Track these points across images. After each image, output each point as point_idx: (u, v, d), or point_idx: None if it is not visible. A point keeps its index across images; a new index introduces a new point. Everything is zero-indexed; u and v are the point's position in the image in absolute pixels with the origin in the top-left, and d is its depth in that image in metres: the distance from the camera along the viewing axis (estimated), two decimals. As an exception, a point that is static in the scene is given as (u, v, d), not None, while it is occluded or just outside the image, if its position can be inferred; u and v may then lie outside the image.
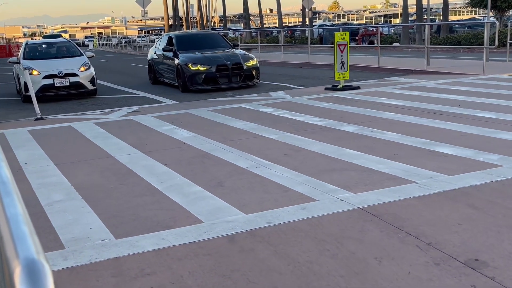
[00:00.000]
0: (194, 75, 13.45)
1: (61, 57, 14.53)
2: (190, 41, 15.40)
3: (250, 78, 14.12)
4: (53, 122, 9.80)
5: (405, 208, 4.31)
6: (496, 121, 7.56)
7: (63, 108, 12.23)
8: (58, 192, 5.30)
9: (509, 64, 16.35)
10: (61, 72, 13.34)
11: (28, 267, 0.70)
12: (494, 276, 3.11)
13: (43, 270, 0.71)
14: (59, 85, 13.31)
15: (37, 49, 14.90)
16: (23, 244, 0.77)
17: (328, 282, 3.15)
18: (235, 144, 6.98)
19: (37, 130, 8.97)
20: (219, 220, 4.26)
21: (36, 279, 0.69)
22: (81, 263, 3.59)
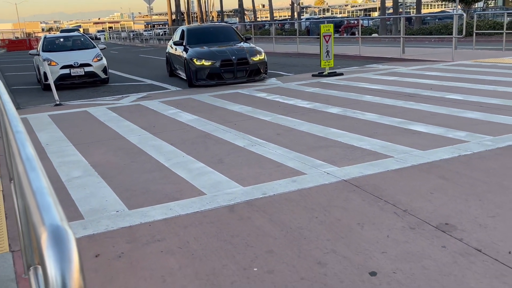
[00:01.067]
0: (198, 70, 11.71)
1: (76, 49, 14.39)
2: (200, 35, 13.35)
3: (257, 73, 12.12)
4: (70, 107, 9.73)
5: (384, 179, 4.32)
6: (463, 102, 7.56)
7: (79, 95, 12.13)
8: (77, 169, 5.28)
9: (475, 51, 16.30)
10: (76, 63, 13.24)
11: (53, 233, 0.70)
12: (462, 238, 3.14)
13: (67, 235, 0.70)
14: (75, 74, 13.23)
15: (54, 42, 14.73)
16: (48, 212, 0.76)
17: (317, 245, 3.17)
18: (233, 125, 6.96)
19: (57, 114, 8.90)
20: (220, 192, 4.26)
21: (61, 243, 0.68)
22: (99, 231, 3.59)
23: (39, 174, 0.96)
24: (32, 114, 9.12)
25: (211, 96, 9.89)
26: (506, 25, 16.88)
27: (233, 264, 2.98)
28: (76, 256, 0.67)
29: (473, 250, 2.97)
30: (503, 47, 16.20)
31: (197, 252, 3.17)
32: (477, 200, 3.74)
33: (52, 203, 0.80)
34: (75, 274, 0.65)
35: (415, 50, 18.22)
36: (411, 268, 2.82)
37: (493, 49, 17.29)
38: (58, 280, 0.65)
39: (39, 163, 1.06)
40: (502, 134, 5.54)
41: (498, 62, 12.56)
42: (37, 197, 0.84)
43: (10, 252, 3.32)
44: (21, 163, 1.08)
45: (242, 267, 2.94)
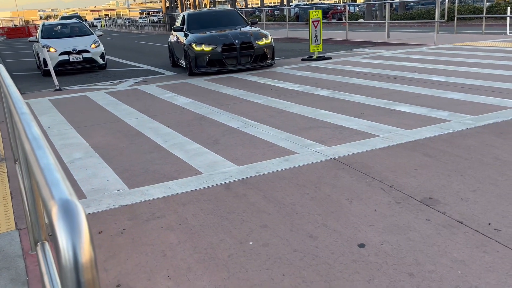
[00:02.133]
0: (198, 56, 10.28)
1: (74, 36, 14.17)
2: (202, 20, 11.76)
3: (263, 58, 10.66)
4: (70, 92, 9.62)
5: (371, 157, 4.34)
6: (445, 83, 7.57)
7: (78, 80, 12.00)
8: (78, 151, 5.25)
9: (456, 35, 16.27)
10: (75, 49, 13.07)
11: (63, 206, 0.69)
12: (445, 211, 3.17)
13: (77, 208, 0.70)
14: (73, 60, 13.07)
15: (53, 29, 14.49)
16: (58, 187, 0.76)
17: (309, 219, 3.19)
18: (227, 108, 6.93)
19: (57, 99, 8.81)
20: (216, 171, 4.26)
21: (72, 216, 0.68)
22: (101, 209, 3.59)
23: (46, 152, 0.95)
24: (33, 99, 9.02)
25: (206, 81, 9.82)
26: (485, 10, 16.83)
27: (229, 239, 3.00)
28: (86, 228, 0.66)
29: (455, 223, 3.01)
30: (483, 31, 16.19)
31: (195, 228, 3.19)
32: (459, 175, 3.78)
33: (60, 179, 0.79)
34: (85, 245, 0.65)
35: (400, 34, 18.16)
36: (398, 240, 2.85)
37: (473, 33, 17.27)
38: (69, 250, 0.64)
39: (45, 142, 1.05)
40: (482, 114, 5.57)
41: (478, 45, 12.56)
42: (45, 173, 0.83)
43: (17, 230, 3.31)
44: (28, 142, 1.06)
45: (238, 241, 2.96)
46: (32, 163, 0.96)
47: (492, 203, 3.25)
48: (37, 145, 1.01)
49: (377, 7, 32.65)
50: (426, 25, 25.25)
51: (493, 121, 5.22)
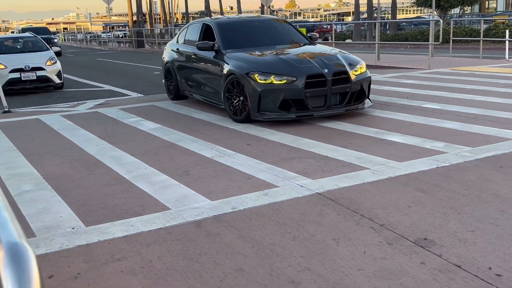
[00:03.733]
0: (265, 94, 7.23)
1: (27, 51, 14.11)
2: (242, 33, 8.83)
3: (359, 96, 7.78)
4: (20, 115, 9.50)
5: (360, 192, 4.38)
6: (441, 111, 7.76)
7: (30, 101, 11.87)
8: (28, 182, 5.15)
9: (452, 59, 16.78)
10: (27, 66, 12.97)
11: (11, 250, 0.68)
12: (441, 254, 3.21)
13: (27, 252, 0.69)
14: (26, 78, 12.95)
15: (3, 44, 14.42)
16: (5, 229, 0.74)
17: (290, 262, 3.18)
18: (200, 135, 6.94)
19: (5, 122, 8.69)
20: (186, 207, 4.23)
21: (20, 261, 0.67)
22: (52, 250, 3.51)
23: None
24: (-23, 121, 8.86)
25: (175, 104, 9.84)
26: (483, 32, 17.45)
27: (200, 284, 2.96)
28: (37, 277, 0.65)
29: (453, 266, 3.04)
30: (480, 55, 16.74)
31: (161, 272, 3.14)
32: (456, 213, 3.83)
33: (8, 218, 0.78)
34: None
35: (391, 56, 18.62)
36: (389, 285, 2.86)
37: (470, 57, 17.85)
38: (16, 302, 0.63)
39: (-9, 175, 1.04)
40: (481, 145, 5.70)
41: (475, 70, 12.96)
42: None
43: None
44: (-28, 174, 1.05)
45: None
46: (-24, 199, 0.94)
47: (492, 244, 3.30)
48: (-18, 178, 0.99)
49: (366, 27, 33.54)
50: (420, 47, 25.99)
51: (492, 154, 5.35)
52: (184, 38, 9.92)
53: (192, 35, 9.57)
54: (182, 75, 9.65)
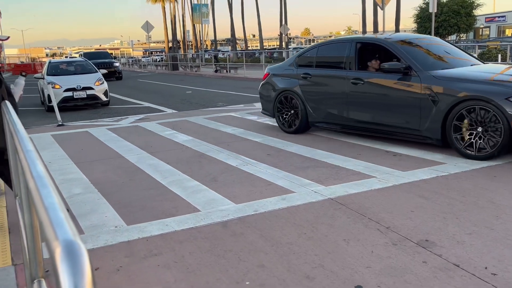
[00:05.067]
0: None
1: (79, 73, 14.38)
2: (423, 52, 6.59)
3: None
4: (72, 128, 9.67)
5: (368, 198, 4.32)
6: (440, 126, 7.62)
7: (80, 116, 12.08)
8: (78, 186, 5.22)
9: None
10: (79, 86, 13.22)
11: (67, 248, 0.69)
12: (441, 254, 3.14)
13: (80, 249, 0.69)
14: (77, 97, 13.20)
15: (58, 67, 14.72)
16: (61, 228, 0.75)
17: (306, 260, 3.15)
18: (226, 146, 6.96)
19: (59, 134, 8.84)
20: (213, 209, 4.23)
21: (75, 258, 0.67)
22: (98, 246, 3.54)
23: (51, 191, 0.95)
24: (35, 134, 9.04)
25: (205, 119, 9.90)
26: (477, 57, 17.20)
27: (226, 278, 2.95)
28: (89, 271, 0.65)
29: (452, 266, 2.97)
30: (475, 77, 16.48)
31: (192, 266, 3.13)
32: (455, 218, 3.75)
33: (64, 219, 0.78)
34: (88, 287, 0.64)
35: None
36: (395, 282, 2.80)
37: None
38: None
39: (49, 180, 1.05)
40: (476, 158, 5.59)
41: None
42: (49, 213, 0.82)
43: (13, 265, 3.25)
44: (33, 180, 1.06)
45: (235, 281, 2.91)
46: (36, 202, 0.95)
47: (488, 246, 3.22)
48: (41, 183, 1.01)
49: (372, 52, 33.32)
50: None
51: (487, 165, 5.24)
52: (315, 61, 7.36)
53: (333, 57, 7.09)
54: (318, 104, 7.16)
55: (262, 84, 8.40)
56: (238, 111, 10.91)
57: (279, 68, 8.14)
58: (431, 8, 21.69)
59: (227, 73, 28.28)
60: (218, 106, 12.69)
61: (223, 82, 22.63)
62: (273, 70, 8.25)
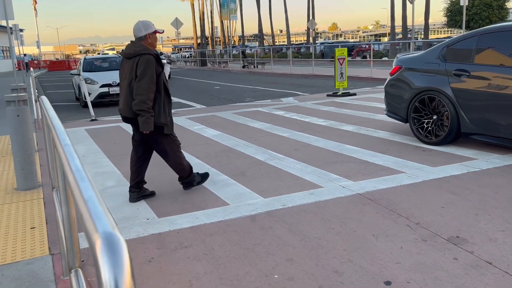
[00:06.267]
0: None
1: (114, 69, 14.56)
2: None
3: None
4: (105, 122, 9.86)
5: (397, 194, 4.25)
6: (471, 122, 7.43)
7: (113, 111, 12.30)
8: (111, 179, 5.32)
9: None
10: (115, 82, 13.40)
11: (107, 240, 0.69)
12: (473, 251, 3.06)
13: (119, 241, 0.70)
14: (113, 92, 13.37)
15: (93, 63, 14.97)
16: (101, 220, 0.76)
17: (334, 254, 3.12)
18: (254, 141, 6.96)
19: (92, 129, 9.03)
20: (242, 203, 4.25)
21: (115, 249, 0.68)
22: (131, 237, 3.60)
23: (89, 184, 0.96)
24: (70, 128, 9.26)
25: (233, 114, 9.92)
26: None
27: (255, 271, 2.95)
28: (129, 263, 0.66)
29: (484, 263, 2.89)
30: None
31: (221, 259, 3.15)
32: (487, 215, 3.65)
33: (103, 212, 0.79)
34: (127, 279, 0.65)
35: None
36: (424, 278, 2.75)
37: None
38: (111, 284, 0.64)
39: (87, 174, 1.07)
40: (509, 153, 5.42)
41: (503, 84, 12.36)
42: (89, 205, 0.84)
43: (50, 255, 3.34)
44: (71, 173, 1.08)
45: (264, 274, 2.91)
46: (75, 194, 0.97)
47: (522, 244, 3.12)
48: (80, 176, 1.02)
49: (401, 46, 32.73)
50: (450, 63, 25.06)
51: (520, 160, 5.07)
52: (473, 54, 5.67)
53: (506, 49, 5.35)
54: (480, 111, 5.50)
55: (390, 80, 6.72)
56: (265, 106, 10.89)
57: (417, 60, 6.38)
58: (462, 1, 21.13)
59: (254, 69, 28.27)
60: (246, 101, 12.71)
61: (250, 77, 22.64)
62: (407, 62, 6.53)
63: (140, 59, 4.11)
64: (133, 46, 4.21)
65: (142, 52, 4.13)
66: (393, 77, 6.67)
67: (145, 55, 4.11)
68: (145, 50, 4.15)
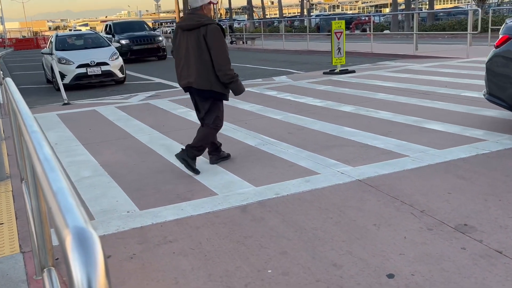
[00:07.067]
0: None
1: (90, 47, 14.30)
2: None
3: None
4: (79, 106, 9.78)
5: (400, 179, 4.28)
6: (480, 99, 7.48)
7: (87, 94, 12.20)
8: (87, 169, 5.30)
9: (490, 48, 16.13)
10: (93, 62, 13.17)
11: (78, 235, 0.69)
12: (482, 239, 3.10)
13: (92, 237, 0.70)
14: (91, 73, 13.15)
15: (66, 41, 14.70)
16: (72, 214, 0.75)
17: (332, 246, 3.15)
18: (244, 124, 6.95)
19: (65, 114, 8.95)
20: (232, 192, 4.26)
21: (86, 245, 0.67)
22: (110, 232, 3.60)
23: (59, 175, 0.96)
24: (40, 113, 9.18)
25: (221, 95, 9.88)
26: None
27: (246, 266, 2.97)
28: (102, 260, 0.66)
29: (494, 252, 2.94)
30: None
31: (210, 253, 3.17)
32: (497, 200, 3.70)
33: (75, 205, 0.79)
34: (101, 277, 0.64)
35: (428, 46, 18.10)
36: (430, 270, 2.79)
37: (509, 45, 17.11)
38: (84, 283, 0.64)
39: (57, 163, 1.06)
40: (521, 133, 5.47)
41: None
42: (58, 198, 0.83)
43: (21, 253, 3.33)
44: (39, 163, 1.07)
45: (256, 269, 2.93)
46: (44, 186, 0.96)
47: (534, 231, 3.17)
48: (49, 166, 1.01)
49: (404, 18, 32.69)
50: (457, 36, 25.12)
51: (533, 141, 5.12)
52: None
53: None
54: None
55: (495, 54, 5.61)
56: (255, 86, 10.86)
57: None
58: (470, -33, 21.12)
59: (243, 44, 28.11)
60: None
61: (239, 54, 22.52)
62: None
63: (208, 29, 4.49)
64: (195, 17, 4.57)
65: (207, 22, 4.51)
66: (500, 50, 5.52)
67: (211, 25, 4.50)
68: (210, 20, 4.53)
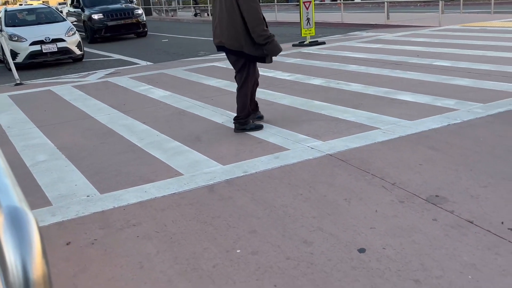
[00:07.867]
0: None
1: (44, 23, 13.78)
2: None
3: None
4: (32, 86, 9.51)
5: (371, 152, 4.34)
6: (451, 68, 7.61)
7: (41, 73, 11.87)
8: (42, 153, 5.19)
9: (463, 15, 16.38)
10: (48, 38, 12.68)
11: (11, 215, 0.67)
12: (453, 210, 3.19)
13: (26, 217, 0.67)
14: (47, 51, 12.67)
15: (17, 16, 14.16)
16: (5, 194, 0.73)
17: (302, 223, 3.18)
18: (210, 101, 6.90)
19: (18, 94, 8.70)
20: (198, 172, 4.24)
21: (20, 226, 0.65)
22: (69, 218, 3.55)
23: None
24: (-10, 95, 8.90)
25: (185, 71, 9.77)
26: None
27: (214, 247, 2.98)
28: (38, 239, 0.64)
29: (465, 222, 3.02)
30: (492, 10, 16.31)
31: (175, 236, 3.16)
32: (468, 170, 3.79)
33: (9, 184, 0.76)
34: (37, 259, 0.63)
35: (400, 15, 18.24)
36: (401, 243, 2.85)
37: (482, 13, 17.41)
38: (18, 266, 0.62)
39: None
40: (492, 101, 5.60)
41: (486, 26, 12.65)
42: (-8, 177, 0.80)
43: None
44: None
45: (224, 249, 2.94)
46: (-21, 167, 0.93)
47: (505, 199, 3.27)
48: (-16, 145, 0.98)
49: (375, -14, 32.77)
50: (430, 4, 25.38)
51: (504, 109, 5.26)
52: None
53: None
54: None
55: None
56: (222, 61, 10.77)
57: None
58: None
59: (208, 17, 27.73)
60: (200, 55, 12.52)
61: (204, 27, 22.23)
62: None
63: None
64: None
65: None
66: None
67: None
68: None
